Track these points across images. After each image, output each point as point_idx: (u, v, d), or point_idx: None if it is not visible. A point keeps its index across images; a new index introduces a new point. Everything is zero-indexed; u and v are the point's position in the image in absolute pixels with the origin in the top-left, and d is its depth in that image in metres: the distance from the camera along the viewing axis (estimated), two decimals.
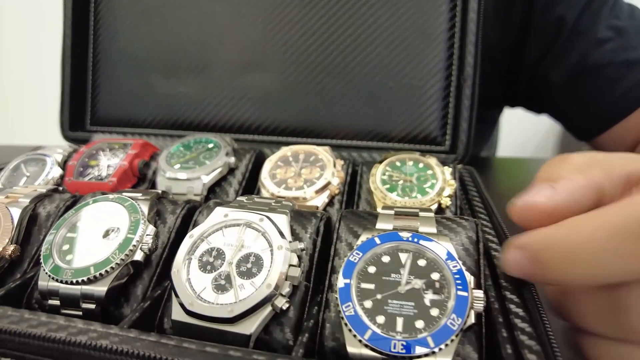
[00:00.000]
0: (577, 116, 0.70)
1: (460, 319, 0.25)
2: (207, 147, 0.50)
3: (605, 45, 0.63)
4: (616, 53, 0.62)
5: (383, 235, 0.30)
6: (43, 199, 0.41)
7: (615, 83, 0.62)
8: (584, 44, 0.64)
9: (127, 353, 0.25)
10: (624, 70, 0.62)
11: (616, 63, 0.62)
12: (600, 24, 0.63)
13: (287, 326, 0.30)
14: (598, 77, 0.64)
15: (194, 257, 0.32)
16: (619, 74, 0.62)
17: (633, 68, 0.61)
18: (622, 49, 0.62)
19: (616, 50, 0.62)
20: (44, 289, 0.33)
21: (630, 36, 0.62)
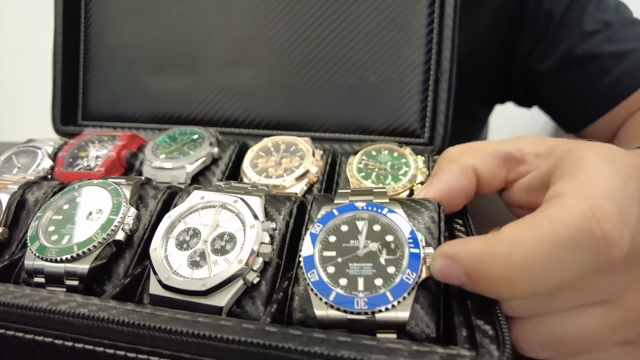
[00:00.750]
0: (565, 108, 0.72)
1: (415, 274, 0.28)
2: (191, 138, 0.52)
3: (592, 37, 0.65)
4: (603, 45, 0.64)
5: (341, 207, 0.32)
6: (31, 185, 0.43)
7: (603, 74, 0.64)
8: (571, 36, 0.66)
9: (103, 319, 0.27)
10: (612, 61, 0.64)
11: (604, 54, 0.64)
12: (588, 18, 0.65)
13: (259, 299, 0.32)
14: (586, 68, 0.66)
15: (172, 236, 0.34)
16: (607, 65, 0.64)
17: (620, 59, 0.63)
18: (609, 41, 0.64)
19: (603, 42, 0.64)
20: (30, 268, 0.34)
21: (617, 29, 0.64)
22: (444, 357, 0.24)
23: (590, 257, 0.23)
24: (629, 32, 0.64)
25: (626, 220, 0.24)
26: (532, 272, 0.24)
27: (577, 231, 0.23)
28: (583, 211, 0.24)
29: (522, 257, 0.24)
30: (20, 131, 0.83)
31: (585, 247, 0.23)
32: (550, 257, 0.23)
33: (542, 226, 0.24)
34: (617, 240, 0.23)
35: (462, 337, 0.26)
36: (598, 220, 0.23)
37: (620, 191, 0.24)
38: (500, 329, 0.25)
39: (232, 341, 0.25)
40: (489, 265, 0.25)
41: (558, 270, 0.24)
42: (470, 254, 0.26)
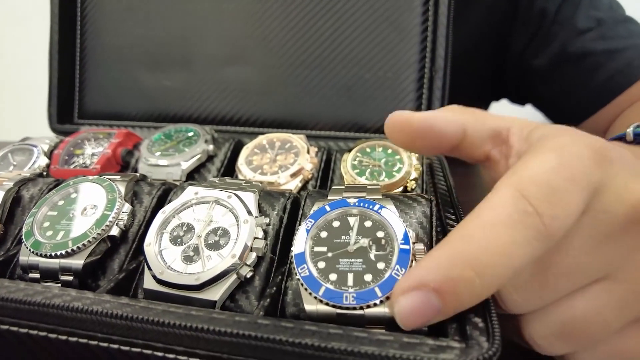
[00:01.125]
0: (559, 105, 0.72)
1: (404, 270, 0.28)
2: (187, 135, 0.53)
3: (585, 35, 0.65)
4: (596, 42, 0.65)
5: (333, 203, 0.32)
6: (27, 182, 0.43)
7: (596, 71, 0.65)
8: (564, 33, 0.66)
9: (97, 312, 0.27)
10: (604, 58, 0.64)
11: (596, 52, 0.65)
12: (581, 15, 0.66)
13: (252, 294, 0.32)
14: (579, 65, 0.66)
15: (166, 232, 0.34)
16: (599, 63, 0.64)
17: (612, 57, 0.64)
18: (602, 39, 0.65)
19: (596, 39, 0.65)
20: (25, 263, 0.35)
21: (610, 26, 0.65)
22: (433, 348, 0.24)
23: (533, 233, 0.24)
24: (621, 30, 0.64)
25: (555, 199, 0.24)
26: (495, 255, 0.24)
27: (514, 210, 0.25)
28: (513, 193, 0.25)
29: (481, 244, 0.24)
30: (16, 130, 0.83)
31: (525, 224, 0.24)
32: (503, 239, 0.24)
33: (482, 214, 0.26)
34: (548, 212, 0.24)
35: (452, 329, 0.26)
36: (525, 196, 0.25)
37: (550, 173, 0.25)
38: (490, 321, 0.26)
39: (224, 333, 0.25)
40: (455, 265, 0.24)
41: (516, 249, 0.24)
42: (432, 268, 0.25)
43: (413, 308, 0.24)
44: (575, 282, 0.28)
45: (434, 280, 0.24)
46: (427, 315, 0.24)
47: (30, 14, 1.41)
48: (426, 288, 0.24)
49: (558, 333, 0.28)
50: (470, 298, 0.25)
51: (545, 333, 0.29)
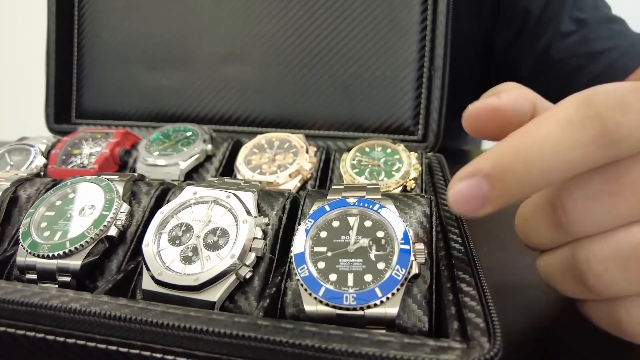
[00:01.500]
0: None
1: (404, 270, 0.28)
2: (185, 135, 0.52)
3: (568, 38, 0.65)
4: (578, 45, 0.65)
5: (332, 203, 0.32)
6: (24, 182, 0.42)
7: (578, 74, 0.65)
8: (548, 36, 0.66)
9: (95, 314, 0.27)
10: (586, 61, 0.64)
11: (579, 55, 0.65)
12: (564, 16, 0.66)
13: (252, 295, 0.32)
14: (561, 68, 0.66)
15: (164, 232, 0.34)
16: (581, 66, 0.64)
17: (594, 59, 0.64)
18: (585, 41, 0.65)
19: (579, 42, 0.65)
20: (22, 264, 0.34)
21: (593, 27, 0.65)
22: (434, 349, 0.24)
23: (591, 136, 0.23)
24: (604, 30, 0.65)
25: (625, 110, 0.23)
26: (546, 150, 0.24)
27: (574, 112, 0.24)
28: (579, 98, 0.25)
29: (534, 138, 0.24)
30: (13, 130, 0.83)
31: (583, 126, 0.24)
32: (558, 136, 0.24)
33: (545, 115, 0.25)
34: (611, 118, 0.23)
35: (453, 329, 0.26)
36: (592, 101, 0.24)
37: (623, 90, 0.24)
38: (491, 321, 0.26)
39: (224, 335, 0.25)
40: (507, 154, 0.25)
41: (568, 149, 0.24)
42: (488, 157, 0.26)
43: (463, 192, 0.26)
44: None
45: (486, 167, 0.25)
46: (475, 200, 0.25)
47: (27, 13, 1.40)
48: (479, 174, 0.25)
49: (621, 259, 0.26)
50: (517, 188, 0.25)
51: (606, 257, 0.26)
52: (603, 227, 0.26)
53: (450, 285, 0.30)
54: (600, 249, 0.26)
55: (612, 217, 0.26)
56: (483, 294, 0.28)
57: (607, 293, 0.27)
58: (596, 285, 0.27)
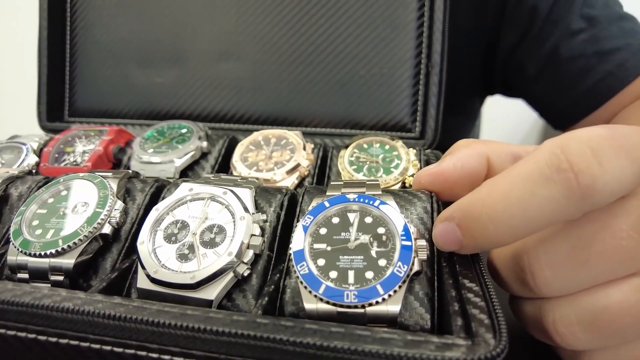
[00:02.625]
0: (550, 106, 0.71)
1: (406, 266, 0.27)
2: (180, 132, 0.51)
3: (577, 36, 0.64)
4: (588, 44, 0.63)
5: (332, 199, 0.32)
6: (15, 180, 0.41)
7: (586, 74, 0.63)
8: (557, 34, 0.65)
9: (89, 313, 0.26)
10: (595, 61, 0.63)
11: (588, 54, 0.63)
12: (574, 14, 0.64)
13: (250, 293, 0.31)
14: (570, 68, 0.65)
15: (160, 229, 0.33)
16: (590, 65, 0.63)
17: (604, 59, 0.62)
18: (595, 40, 0.63)
19: (588, 41, 0.63)
20: (13, 263, 0.33)
21: (604, 25, 0.63)
22: (439, 346, 0.23)
23: (562, 191, 0.23)
24: (615, 29, 0.63)
25: (600, 161, 0.23)
26: (511, 206, 0.24)
27: (545, 166, 0.24)
28: (551, 149, 0.24)
29: (500, 193, 0.25)
30: (4, 128, 0.82)
31: (555, 180, 0.23)
32: (525, 191, 0.24)
33: (516, 167, 0.26)
34: (585, 170, 0.23)
35: (457, 326, 0.25)
36: (565, 154, 0.24)
37: (599, 138, 0.24)
38: (496, 317, 0.25)
39: (222, 333, 0.24)
40: (474, 206, 0.26)
41: (535, 204, 0.24)
42: (460, 205, 0.28)
43: (442, 234, 0.29)
44: (618, 269, 0.25)
45: (457, 215, 0.27)
46: (452, 243, 0.28)
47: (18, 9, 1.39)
48: (452, 220, 0.28)
49: (585, 322, 0.26)
50: (484, 240, 0.26)
51: (571, 320, 0.27)
52: (569, 290, 0.27)
53: (452, 281, 0.29)
54: (565, 312, 0.27)
55: (578, 282, 0.27)
56: (487, 289, 0.28)
57: (573, 349, 0.28)
58: (562, 344, 0.28)
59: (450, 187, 0.34)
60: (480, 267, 0.30)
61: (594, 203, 0.24)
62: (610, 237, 0.25)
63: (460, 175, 0.33)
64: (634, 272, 0.26)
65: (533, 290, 0.28)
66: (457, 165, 0.33)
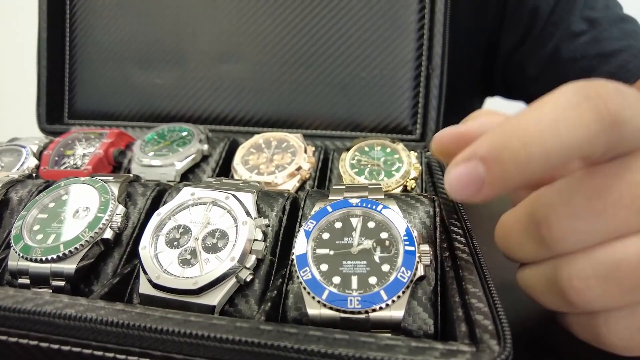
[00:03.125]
0: None
1: (410, 272, 0.27)
2: (180, 135, 0.51)
3: (579, 38, 0.64)
4: (589, 46, 0.63)
5: (334, 204, 0.32)
6: (15, 184, 0.41)
7: (588, 76, 0.63)
8: (558, 35, 0.65)
9: (91, 320, 0.26)
10: (596, 62, 0.63)
11: (589, 56, 0.63)
12: (575, 15, 0.64)
13: (252, 298, 0.31)
14: (571, 69, 0.65)
15: (162, 234, 0.33)
16: (591, 67, 0.63)
17: (605, 60, 0.62)
18: (596, 42, 0.63)
19: (590, 43, 0.63)
20: (14, 269, 0.33)
21: (604, 27, 0.63)
22: (444, 352, 0.23)
23: (592, 116, 0.23)
24: (616, 31, 0.63)
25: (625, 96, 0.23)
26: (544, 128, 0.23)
27: (573, 95, 0.24)
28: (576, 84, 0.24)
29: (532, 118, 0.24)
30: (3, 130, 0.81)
31: (584, 107, 0.23)
32: (557, 115, 0.23)
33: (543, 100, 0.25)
34: (613, 98, 0.23)
35: (461, 332, 0.25)
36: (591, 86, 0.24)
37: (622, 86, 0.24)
38: (500, 323, 0.25)
39: (226, 340, 0.24)
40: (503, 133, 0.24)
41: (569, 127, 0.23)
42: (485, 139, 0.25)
43: (459, 177, 0.25)
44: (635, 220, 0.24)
45: (482, 149, 0.24)
46: (472, 185, 0.25)
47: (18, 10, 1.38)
48: (475, 157, 0.25)
49: (602, 276, 0.25)
50: (514, 169, 0.24)
51: (587, 274, 0.26)
52: (586, 243, 0.26)
53: (456, 286, 0.29)
54: (582, 266, 0.26)
55: (594, 234, 0.26)
56: (490, 295, 0.28)
57: (589, 308, 0.27)
58: (578, 301, 0.26)
59: None
60: (484, 271, 0.30)
61: (622, 134, 0.23)
62: (627, 188, 0.24)
63: None
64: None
65: (549, 245, 0.27)
66: (480, 129, 0.31)
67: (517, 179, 0.24)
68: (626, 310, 0.26)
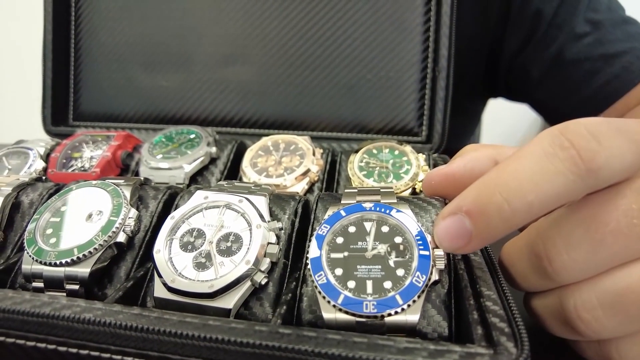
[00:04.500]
0: (554, 109, 0.71)
1: (425, 276, 0.27)
2: (188, 137, 0.51)
3: (582, 40, 0.64)
4: (593, 47, 0.63)
5: (348, 208, 0.32)
6: (26, 187, 0.41)
7: (592, 77, 0.64)
8: (562, 37, 0.65)
9: (110, 324, 0.26)
10: (600, 64, 0.63)
11: (593, 57, 0.63)
12: (579, 18, 0.64)
13: (267, 301, 0.31)
14: (575, 71, 0.65)
15: (175, 238, 0.33)
16: (595, 68, 0.63)
17: (609, 62, 0.62)
18: (600, 43, 0.63)
19: (593, 44, 0.63)
20: (28, 272, 0.33)
21: (607, 29, 0.63)
22: (462, 355, 0.23)
23: (567, 166, 0.24)
24: (619, 32, 0.64)
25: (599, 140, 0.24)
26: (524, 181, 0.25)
27: (548, 145, 0.25)
28: (551, 132, 0.26)
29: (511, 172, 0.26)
30: (8, 132, 0.81)
31: (559, 158, 0.24)
32: (534, 167, 0.25)
33: (520, 151, 0.26)
34: (586, 147, 0.24)
35: (478, 335, 0.26)
36: (564, 135, 0.25)
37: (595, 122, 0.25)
38: (516, 326, 0.25)
39: (246, 344, 0.24)
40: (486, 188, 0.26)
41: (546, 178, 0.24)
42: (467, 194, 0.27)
43: (448, 229, 0.27)
44: (635, 247, 0.25)
45: (466, 203, 0.26)
46: (460, 236, 0.27)
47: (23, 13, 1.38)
48: (460, 211, 0.27)
49: (608, 304, 0.26)
50: (499, 223, 0.25)
51: (593, 304, 0.26)
52: (588, 273, 0.27)
53: (470, 289, 0.29)
54: (587, 296, 0.27)
55: (596, 264, 0.26)
56: (505, 297, 0.28)
57: (598, 337, 0.27)
58: (586, 331, 0.27)
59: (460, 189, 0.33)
60: (497, 274, 0.30)
61: (599, 178, 0.24)
62: (623, 216, 0.25)
63: (470, 177, 0.33)
64: None
65: (551, 277, 0.28)
66: (467, 166, 0.33)
67: (503, 229, 0.26)
68: (638, 337, 0.27)
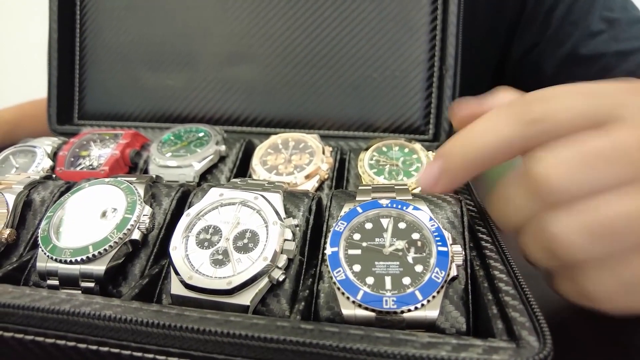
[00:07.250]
0: None
1: (444, 272, 0.28)
2: (197, 136, 0.51)
3: (597, 37, 0.64)
4: (608, 44, 0.63)
5: (364, 204, 0.32)
6: (37, 185, 0.41)
7: (607, 73, 0.64)
8: (577, 35, 0.65)
9: (131, 321, 0.26)
10: (616, 60, 0.63)
11: (608, 54, 0.63)
12: (594, 16, 0.64)
13: (283, 297, 0.31)
14: (590, 67, 0.65)
15: (192, 235, 0.33)
16: (611, 65, 0.63)
17: (624, 58, 0.62)
18: (614, 40, 0.63)
19: (608, 41, 0.64)
20: (43, 270, 0.33)
21: (623, 27, 0.64)
22: (486, 349, 0.23)
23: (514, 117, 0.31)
24: (635, 30, 0.64)
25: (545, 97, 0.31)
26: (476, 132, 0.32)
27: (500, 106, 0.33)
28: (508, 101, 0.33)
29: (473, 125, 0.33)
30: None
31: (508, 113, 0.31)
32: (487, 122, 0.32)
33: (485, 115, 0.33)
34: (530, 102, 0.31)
35: (498, 329, 0.26)
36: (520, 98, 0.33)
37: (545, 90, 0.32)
38: (537, 321, 0.25)
39: (270, 340, 0.24)
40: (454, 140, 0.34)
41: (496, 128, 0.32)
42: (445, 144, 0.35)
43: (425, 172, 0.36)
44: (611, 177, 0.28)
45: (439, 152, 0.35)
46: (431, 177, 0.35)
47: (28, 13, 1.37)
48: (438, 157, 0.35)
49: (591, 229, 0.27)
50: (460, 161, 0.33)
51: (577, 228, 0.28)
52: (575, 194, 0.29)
53: (487, 284, 0.30)
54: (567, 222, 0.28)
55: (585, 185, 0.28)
56: (523, 292, 0.28)
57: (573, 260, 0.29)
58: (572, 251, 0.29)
59: None
60: (513, 268, 0.31)
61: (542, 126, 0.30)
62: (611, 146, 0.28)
63: None
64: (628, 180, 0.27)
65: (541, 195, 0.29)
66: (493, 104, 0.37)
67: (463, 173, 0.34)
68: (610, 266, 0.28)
